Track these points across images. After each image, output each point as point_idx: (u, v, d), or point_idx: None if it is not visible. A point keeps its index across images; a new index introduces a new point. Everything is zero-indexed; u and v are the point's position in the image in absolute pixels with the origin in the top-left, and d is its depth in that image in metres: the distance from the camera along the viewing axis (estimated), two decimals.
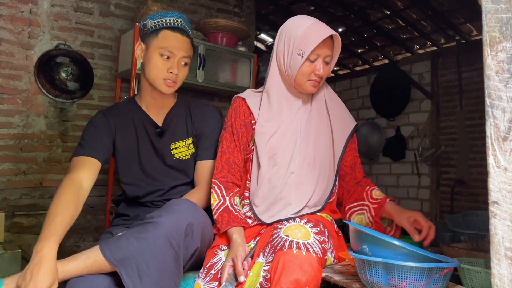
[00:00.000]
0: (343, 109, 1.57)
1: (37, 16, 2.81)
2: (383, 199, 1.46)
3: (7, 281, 1.09)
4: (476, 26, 3.91)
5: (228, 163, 1.46)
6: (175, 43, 1.47)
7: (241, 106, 1.51)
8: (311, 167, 1.41)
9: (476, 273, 1.13)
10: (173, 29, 1.49)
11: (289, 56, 1.39)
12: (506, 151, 0.65)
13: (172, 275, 1.18)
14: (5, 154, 2.69)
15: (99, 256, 1.14)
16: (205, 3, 3.58)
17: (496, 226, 0.65)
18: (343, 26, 4.46)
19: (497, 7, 0.68)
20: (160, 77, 1.48)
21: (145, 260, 1.13)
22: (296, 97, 1.48)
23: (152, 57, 1.47)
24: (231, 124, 1.50)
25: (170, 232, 1.17)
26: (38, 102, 2.81)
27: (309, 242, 1.16)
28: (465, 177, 3.85)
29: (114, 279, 1.17)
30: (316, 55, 1.36)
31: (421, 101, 4.34)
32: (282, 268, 1.09)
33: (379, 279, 1.03)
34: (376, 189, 1.53)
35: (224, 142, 1.49)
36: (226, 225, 1.33)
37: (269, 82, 1.47)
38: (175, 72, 1.48)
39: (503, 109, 0.66)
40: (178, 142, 1.57)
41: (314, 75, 1.39)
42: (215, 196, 1.42)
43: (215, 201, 1.41)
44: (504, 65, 0.67)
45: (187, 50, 1.50)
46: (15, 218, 2.68)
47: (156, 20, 1.49)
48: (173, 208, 1.23)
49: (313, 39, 1.33)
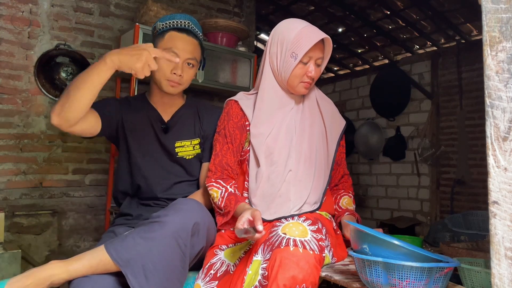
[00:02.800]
0: (334, 108, 1.62)
1: (37, 16, 2.81)
2: (343, 211, 1.53)
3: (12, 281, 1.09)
4: (476, 26, 3.91)
5: (221, 165, 1.48)
6: (180, 45, 1.49)
7: (234, 109, 1.52)
8: (307, 164, 1.45)
9: (476, 273, 1.14)
10: (180, 30, 1.51)
11: (282, 59, 1.43)
12: (506, 151, 0.65)
13: (178, 274, 1.18)
14: (5, 154, 2.69)
15: (104, 256, 1.14)
16: (205, 3, 3.58)
17: (496, 226, 0.65)
18: (343, 26, 4.46)
19: (497, 7, 0.68)
20: (163, 77, 1.50)
21: (151, 260, 1.13)
22: (289, 98, 1.51)
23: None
24: (224, 127, 1.51)
25: (177, 232, 1.17)
26: (38, 102, 2.81)
27: (306, 240, 1.17)
28: (465, 177, 3.85)
29: (120, 279, 1.17)
30: (308, 57, 1.40)
31: (421, 101, 4.34)
32: (279, 265, 1.09)
33: (379, 278, 1.03)
34: (347, 195, 1.60)
35: (217, 145, 1.51)
36: (235, 203, 1.35)
37: (263, 83, 1.49)
38: (179, 73, 1.49)
39: (503, 109, 0.66)
40: (183, 141, 1.58)
41: (307, 77, 1.43)
42: (215, 189, 1.43)
43: (218, 192, 1.42)
44: (504, 65, 0.67)
45: (192, 52, 1.52)
46: (15, 218, 2.68)
47: (164, 22, 1.52)
48: (179, 207, 1.23)
49: (306, 42, 1.37)
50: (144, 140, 1.57)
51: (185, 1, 3.46)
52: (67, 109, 1.29)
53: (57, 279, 1.12)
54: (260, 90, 1.50)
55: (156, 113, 1.59)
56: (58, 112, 1.30)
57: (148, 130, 1.58)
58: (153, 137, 1.58)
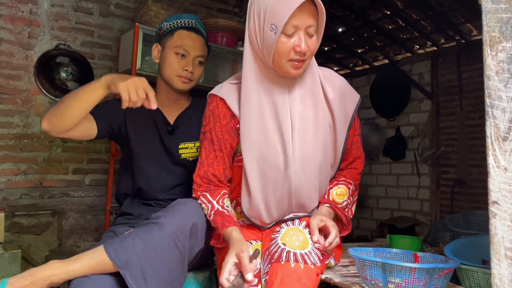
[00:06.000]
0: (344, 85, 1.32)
1: (37, 16, 2.81)
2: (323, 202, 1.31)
3: (11, 281, 1.09)
4: (476, 26, 3.91)
5: (206, 177, 1.29)
6: (189, 42, 1.53)
7: (220, 108, 1.29)
8: (310, 165, 1.23)
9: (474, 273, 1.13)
10: (188, 29, 1.55)
11: (261, 34, 1.14)
12: (506, 151, 0.65)
13: (177, 276, 1.18)
14: (5, 154, 2.69)
15: (103, 256, 1.14)
16: (205, 3, 3.58)
17: (496, 226, 0.65)
18: (343, 26, 4.46)
19: (497, 7, 0.68)
20: (174, 73, 1.52)
21: (149, 262, 1.13)
22: (278, 85, 1.21)
23: (168, 56, 1.52)
24: (210, 129, 1.29)
25: (174, 233, 1.17)
26: (38, 102, 2.81)
27: (307, 252, 1.12)
28: (465, 177, 3.85)
29: (119, 280, 1.17)
30: (293, 27, 1.10)
31: (421, 101, 4.33)
32: (280, 283, 1.05)
33: (379, 279, 1.03)
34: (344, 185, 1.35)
35: (203, 152, 1.30)
36: (221, 227, 1.18)
37: (244, 69, 1.22)
38: (190, 69, 1.53)
39: (503, 109, 0.66)
40: (187, 143, 1.58)
41: (295, 53, 1.12)
42: (203, 206, 1.28)
43: (205, 209, 1.27)
44: (504, 65, 0.67)
45: (201, 49, 1.56)
46: (15, 218, 2.68)
47: (171, 22, 1.56)
48: (178, 208, 1.23)
49: (285, 8, 1.07)
50: (148, 142, 1.57)
51: (185, 1, 3.46)
52: (57, 119, 1.33)
53: (56, 279, 1.12)
54: (243, 80, 1.22)
55: (161, 114, 1.59)
56: (48, 119, 1.34)
57: (152, 132, 1.58)
58: (157, 139, 1.58)
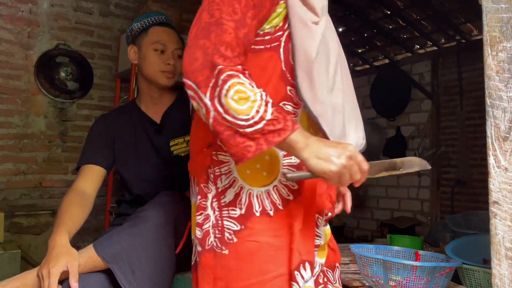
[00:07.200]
0: None
1: (37, 16, 2.81)
2: None
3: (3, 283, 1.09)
4: (476, 26, 3.90)
5: (245, 42, 0.83)
6: (165, 36, 1.54)
7: None
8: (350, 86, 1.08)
9: (475, 273, 1.13)
10: (161, 24, 1.56)
11: None
12: (506, 151, 0.65)
13: (164, 267, 1.20)
14: (5, 154, 2.69)
15: (92, 253, 1.16)
16: None
17: (497, 226, 0.65)
18: (343, 26, 4.46)
19: (498, 7, 0.67)
20: (158, 70, 1.52)
21: (136, 255, 1.16)
22: None
23: (147, 54, 1.52)
24: None
25: (160, 224, 1.20)
26: (37, 102, 2.81)
27: None
28: (465, 177, 3.85)
29: (109, 277, 1.18)
30: None
31: (421, 101, 4.33)
32: None
33: (380, 276, 1.03)
34: None
35: (236, 3, 0.82)
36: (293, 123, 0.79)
37: None
38: (172, 63, 1.52)
39: (503, 109, 0.66)
40: (177, 139, 1.58)
41: None
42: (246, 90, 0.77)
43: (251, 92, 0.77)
44: (504, 65, 0.66)
45: (178, 42, 1.57)
46: (15, 218, 2.68)
47: (142, 21, 1.57)
48: (160, 200, 1.27)
49: None
50: (138, 150, 1.57)
51: (185, 1, 3.46)
52: None
53: None
54: None
55: (146, 117, 1.59)
56: None
57: (140, 138, 1.57)
58: (147, 144, 1.57)
